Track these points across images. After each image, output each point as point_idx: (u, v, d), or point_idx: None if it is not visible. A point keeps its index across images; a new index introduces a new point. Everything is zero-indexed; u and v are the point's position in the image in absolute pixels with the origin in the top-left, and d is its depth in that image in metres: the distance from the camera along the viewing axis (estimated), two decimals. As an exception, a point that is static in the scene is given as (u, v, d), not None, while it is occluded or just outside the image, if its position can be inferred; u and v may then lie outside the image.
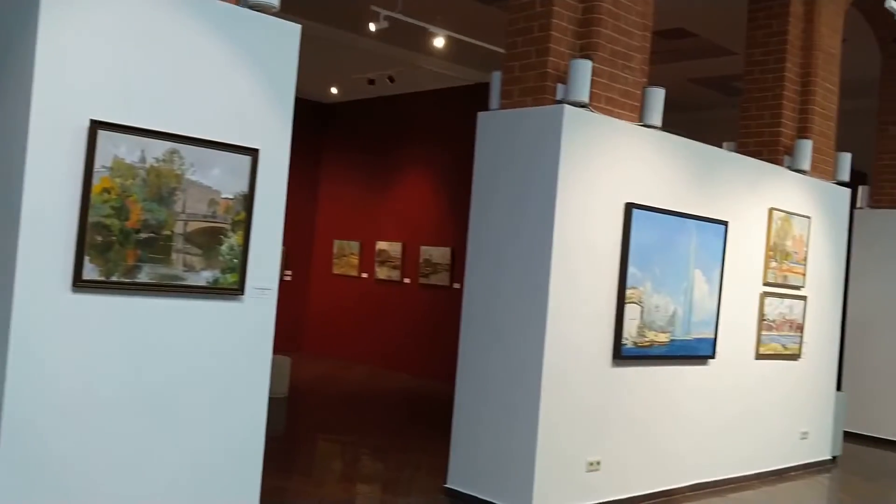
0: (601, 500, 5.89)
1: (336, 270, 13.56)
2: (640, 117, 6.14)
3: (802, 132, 7.85)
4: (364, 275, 13.13)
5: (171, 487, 4.10)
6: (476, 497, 5.74)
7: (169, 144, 3.95)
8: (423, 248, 12.21)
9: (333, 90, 13.17)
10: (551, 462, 5.53)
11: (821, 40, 7.89)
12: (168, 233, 3.99)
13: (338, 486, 6.40)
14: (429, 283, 12.08)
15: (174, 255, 4.02)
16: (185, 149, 4.00)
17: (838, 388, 8.68)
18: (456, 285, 11.34)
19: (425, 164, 12.53)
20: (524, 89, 5.80)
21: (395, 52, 10.63)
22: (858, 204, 10.01)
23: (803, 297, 7.75)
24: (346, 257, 13.41)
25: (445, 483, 5.97)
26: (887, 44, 9.28)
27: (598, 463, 5.85)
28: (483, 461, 5.75)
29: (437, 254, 11.98)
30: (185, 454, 4.13)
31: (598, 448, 5.85)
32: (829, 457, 8.29)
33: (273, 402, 4.62)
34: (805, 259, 7.75)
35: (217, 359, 4.22)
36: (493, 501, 5.63)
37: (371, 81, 11.67)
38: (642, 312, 6.04)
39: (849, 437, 9.01)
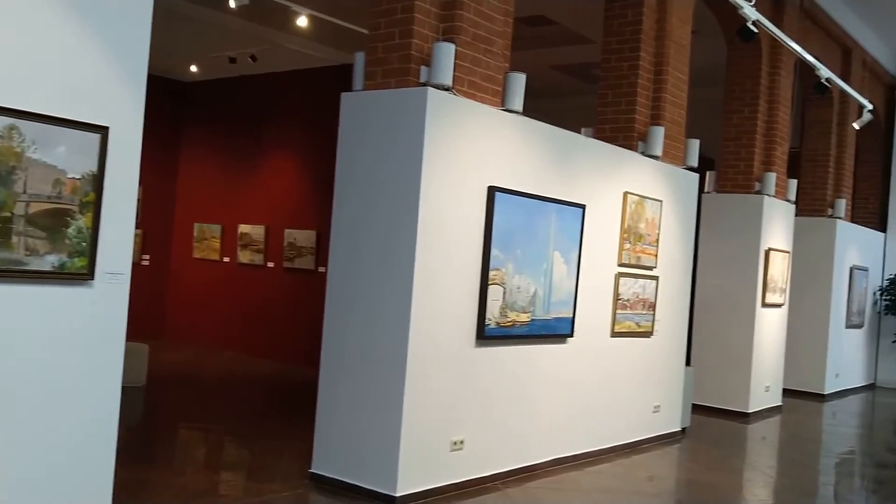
0: (465, 479, 6.00)
1: (197, 255, 13.15)
2: (502, 102, 6.23)
3: (655, 119, 8.19)
4: (226, 259, 12.79)
5: (14, 488, 3.86)
6: (341, 481, 5.72)
7: (6, 120, 3.70)
8: (287, 231, 12.01)
9: (193, 68, 12.70)
10: (416, 443, 5.57)
11: (672, 31, 8.24)
12: (7, 214, 3.74)
13: (199, 475, 6.24)
14: (293, 266, 11.91)
15: (15, 239, 3.77)
16: (25, 125, 3.76)
17: (687, 363, 9.16)
18: (321, 269, 11.23)
19: (289, 146, 12.30)
20: (388, 71, 5.78)
21: (258, 31, 10.35)
22: (706, 188, 10.57)
23: (655, 277, 8.12)
24: (206, 241, 13.02)
25: (310, 468, 5.92)
26: (733, 36, 9.77)
27: (462, 442, 5.95)
28: (347, 445, 5.73)
29: (302, 237, 11.81)
30: (28, 450, 3.89)
31: (462, 427, 5.95)
32: (679, 428, 8.74)
33: (129, 392, 4.45)
34: (657, 241, 8.11)
35: (64, 347, 4.00)
36: (358, 484, 5.63)
37: (232, 60, 11.34)
38: (504, 293, 6.17)
39: (697, 409, 9.55)
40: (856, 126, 10.33)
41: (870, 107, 10.10)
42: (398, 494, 5.48)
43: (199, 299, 13.02)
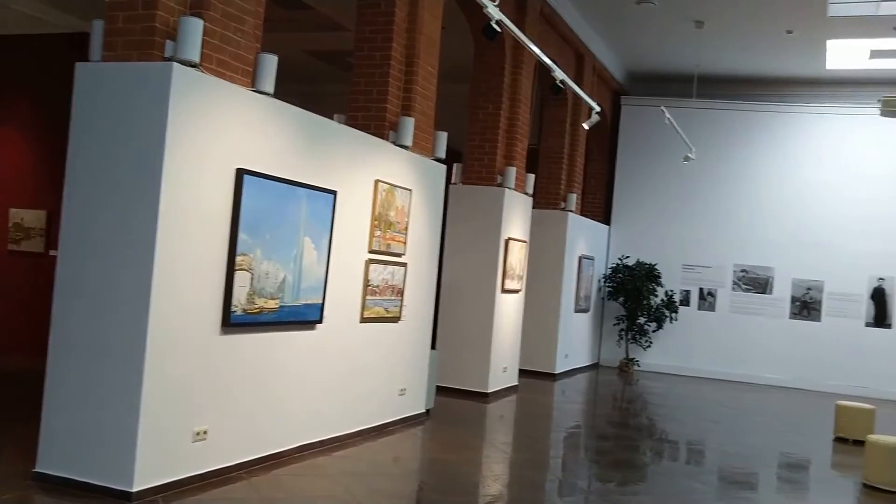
0: (208, 470, 5.82)
1: None
2: (252, 83, 6.09)
3: (406, 110, 8.39)
4: (-63, 240, 11.44)
5: None
6: (71, 479, 5.33)
7: None
8: (12, 210, 10.97)
9: None
10: (155, 435, 5.32)
11: (423, 25, 8.47)
12: None
13: None
14: (20, 249, 10.90)
15: None
16: None
17: (433, 346, 9.49)
18: (52, 252, 10.35)
19: (16, 118, 11.21)
20: (129, 42, 5.43)
21: (-22, -13, 9.35)
22: (453, 180, 11.00)
23: (404, 264, 8.33)
24: (-87, 219, 11.56)
25: (34, 468, 5.46)
26: (479, 35, 10.22)
27: (206, 432, 5.77)
28: (79, 440, 5.35)
29: (30, 217, 10.84)
30: None
31: (205, 417, 5.76)
32: (423, 410, 9.05)
33: None
34: (406, 229, 8.33)
35: None
36: (90, 482, 5.28)
37: (-53, 17, 10.14)
38: (252, 279, 6.04)
39: (441, 390, 9.93)
40: (585, 126, 11.21)
41: (598, 109, 10.99)
42: (135, 489, 5.20)
43: None
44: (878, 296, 14.86)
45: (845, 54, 13.69)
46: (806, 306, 15.27)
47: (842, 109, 15.18)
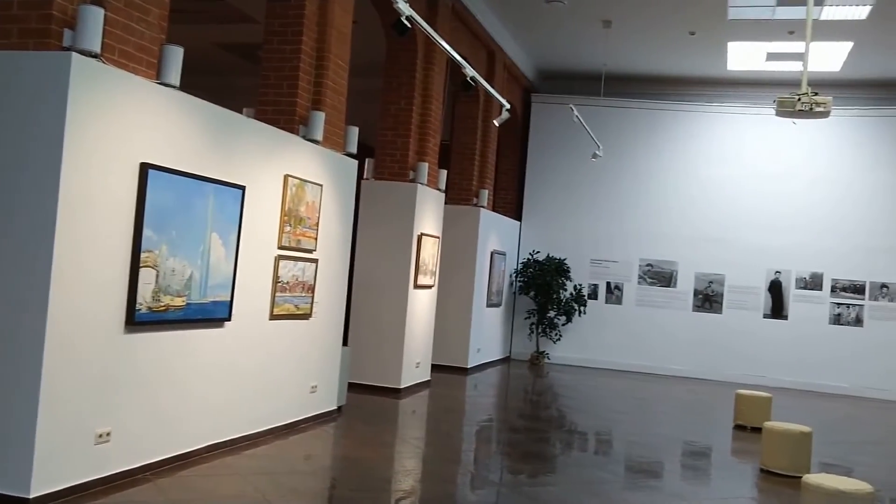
0: (112, 472, 5.66)
1: None
2: (157, 75, 5.93)
3: (316, 104, 8.31)
4: None
5: None
6: (-37, 486, 5.10)
7: None
8: None
9: None
10: (55, 438, 5.14)
11: (334, 19, 8.40)
12: None
13: None
14: None
15: None
16: None
17: (345, 343, 9.44)
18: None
19: None
20: (25, 30, 5.21)
21: None
22: (365, 175, 10.95)
23: (315, 260, 8.26)
24: None
25: (-77, 475, 5.20)
26: (390, 30, 10.21)
27: (109, 434, 5.60)
28: (-28, 445, 5.12)
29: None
30: None
31: (108, 418, 5.59)
32: (335, 407, 9.00)
33: None
34: (317, 224, 8.25)
35: None
36: (-15, 488, 5.06)
37: None
38: (158, 276, 5.90)
39: (353, 387, 9.89)
40: (496, 123, 11.32)
41: (508, 106, 11.11)
42: (32, 496, 5.01)
43: None
44: (775, 288, 15.50)
45: (745, 56, 14.22)
46: (708, 299, 15.81)
47: (742, 109, 15.76)
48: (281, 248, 7.64)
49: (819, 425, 9.99)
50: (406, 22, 7.44)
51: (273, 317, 7.60)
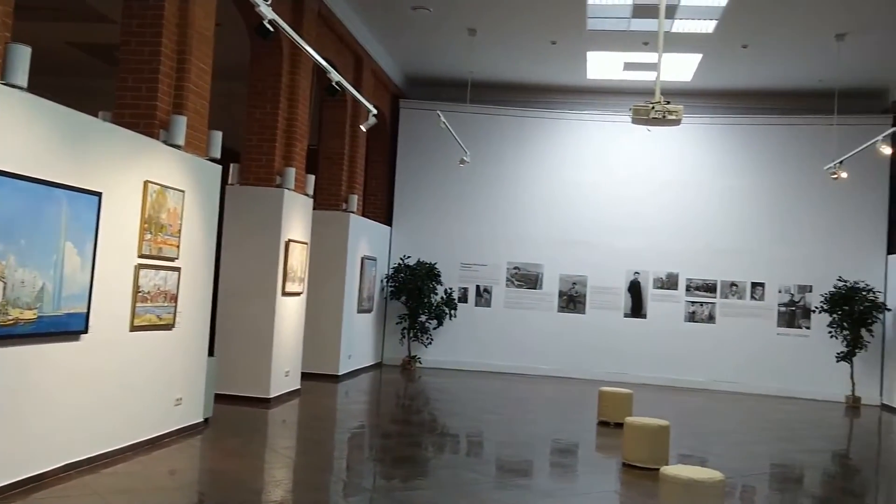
0: (-44, 499, 5.30)
1: None
2: (2, 76, 5.61)
3: (178, 108, 8.06)
4: None
5: None
6: None
7: None
8: None
9: None
10: None
11: (195, 21, 8.18)
12: None
13: None
14: None
15: None
16: None
17: (211, 353, 9.20)
18: None
19: None
20: None
21: None
22: (230, 180, 10.71)
23: (178, 269, 8.00)
24: None
25: None
26: (254, 34, 10.04)
27: (-48, 458, 5.24)
28: None
29: None
30: None
31: (-49, 441, 5.23)
32: (201, 419, 8.74)
33: None
34: (179, 232, 8.00)
35: None
36: None
37: None
38: (5, 288, 5.56)
39: (221, 398, 9.63)
40: (363, 128, 11.32)
41: (374, 111, 11.12)
42: None
43: None
44: (634, 288, 16.17)
45: (603, 65, 14.78)
46: (572, 300, 16.32)
47: (601, 116, 16.36)
48: (141, 256, 7.36)
49: (676, 419, 10.48)
50: (269, 26, 7.34)
51: (134, 328, 7.31)
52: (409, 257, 16.18)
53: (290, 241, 10.87)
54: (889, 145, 11.79)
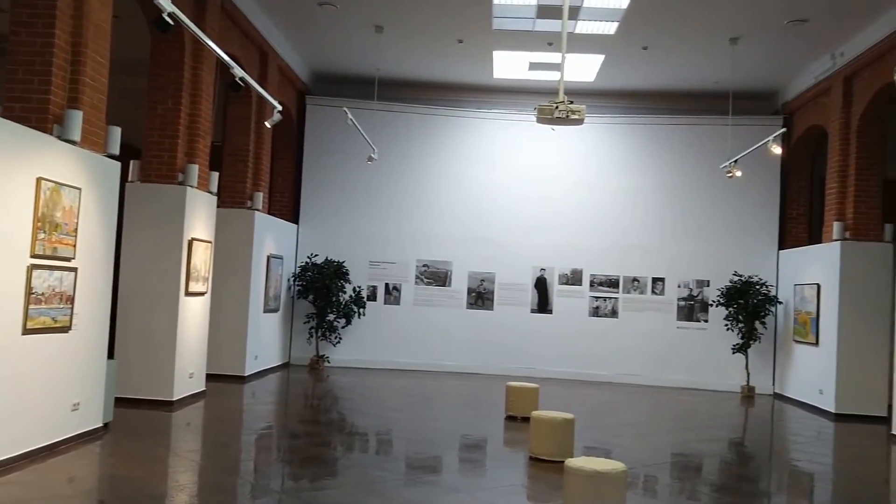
0: None
1: None
2: None
3: (73, 102, 7.78)
4: None
5: None
6: None
7: None
8: None
9: None
10: None
11: (91, 12, 7.90)
12: None
13: None
14: None
15: None
16: None
17: (110, 356, 8.91)
18: None
19: None
20: None
21: None
22: (130, 178, 10.40)
23: (74, 269, 7.72)
24: None
25: None
26: (155, 27, 9.76)
27: None
28: None
29: None
30: None
31: None
32: (101, 424, 8.47)
33: None
34: (76, 230, 7.72)
35: None
36: None
37: None
38: None
39: (121, 401, 9.36)
40: (268, 125, 11.16)
41: (279, 107, 10.97)
42: None
43: None
44: (541, 284, 16.45)
45: (509, 65, 14.96)
46: (480, 296, 16.48)
47: (508, 115, 16.56)
48: (34, 256, 7.07)
49: (582, 412, 10.74)
50: (168, 19, 7.15)
51: (26, 331, 7.02)
52: (316, 255, 16.02)
53: (193, 239, 10.62)
54: (779, 145, 12.33)
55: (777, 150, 12.27)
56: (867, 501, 7.93)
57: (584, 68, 14.74)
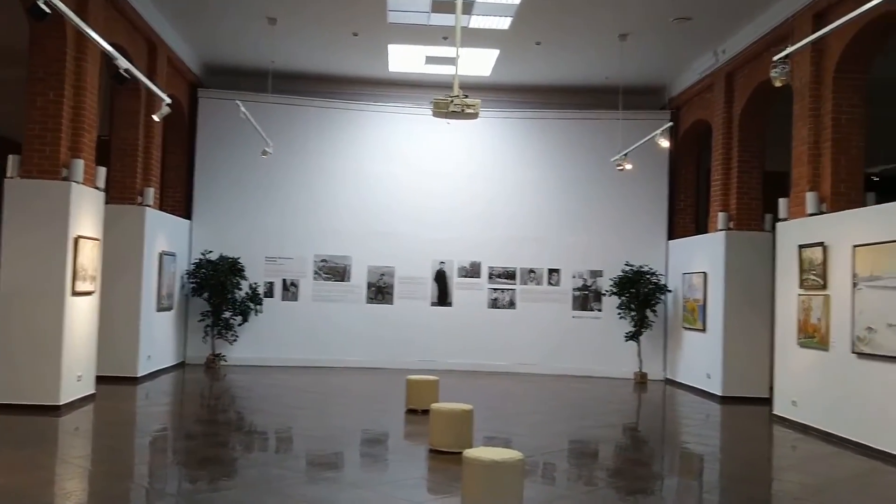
0: None
1: None
2: None
3: (-56, 94, 7.36)
4: None
5: None
6: None
7: None
8: None
9: None
10: None
11: (-38, -1, 7.49)
12: None
13: None
14: None
15: None
16: None
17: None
18: None
19: None
20: None
21: None
22: (9, 173, 9.93)
23: (-51, 270, 7.32)
24: None
25: None
26: (30, 15, 9.33)
27: None
28: None
29: None
30: None
31: None
32: (-19, 433, 8.07)
33: None
34: (-50, 229, 7.32)
35: None
36: None
37: None
38: None
39: (3, 408, 8.97)
40: (156, 118, 10.84)
41: (168, 100, 10.66)
42: None
43: None
44: (440, 278, 16.55)
45: (405, 58, 14.96)
46: (380, 291, 16.45)
47: (404, 109, 16.56)
48: None
49: (481, 402, 10.87)
50: (45, 7, 6.83)
51: None
52: (210, 252, 15.65)
53: (79, 237, 10.21)
54: (667, 139, 12.77)
55: (665, 143, 12.70)
56: (752, 479, 8.32)
57: (479, 63, 14.88)
